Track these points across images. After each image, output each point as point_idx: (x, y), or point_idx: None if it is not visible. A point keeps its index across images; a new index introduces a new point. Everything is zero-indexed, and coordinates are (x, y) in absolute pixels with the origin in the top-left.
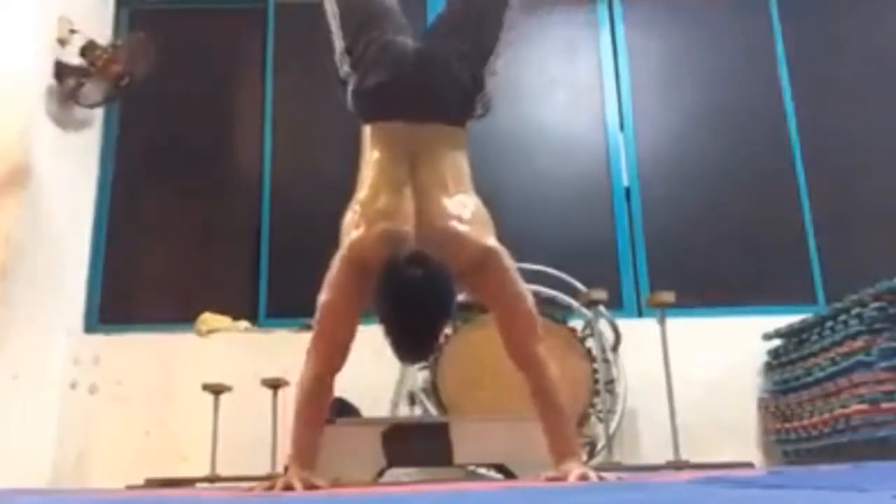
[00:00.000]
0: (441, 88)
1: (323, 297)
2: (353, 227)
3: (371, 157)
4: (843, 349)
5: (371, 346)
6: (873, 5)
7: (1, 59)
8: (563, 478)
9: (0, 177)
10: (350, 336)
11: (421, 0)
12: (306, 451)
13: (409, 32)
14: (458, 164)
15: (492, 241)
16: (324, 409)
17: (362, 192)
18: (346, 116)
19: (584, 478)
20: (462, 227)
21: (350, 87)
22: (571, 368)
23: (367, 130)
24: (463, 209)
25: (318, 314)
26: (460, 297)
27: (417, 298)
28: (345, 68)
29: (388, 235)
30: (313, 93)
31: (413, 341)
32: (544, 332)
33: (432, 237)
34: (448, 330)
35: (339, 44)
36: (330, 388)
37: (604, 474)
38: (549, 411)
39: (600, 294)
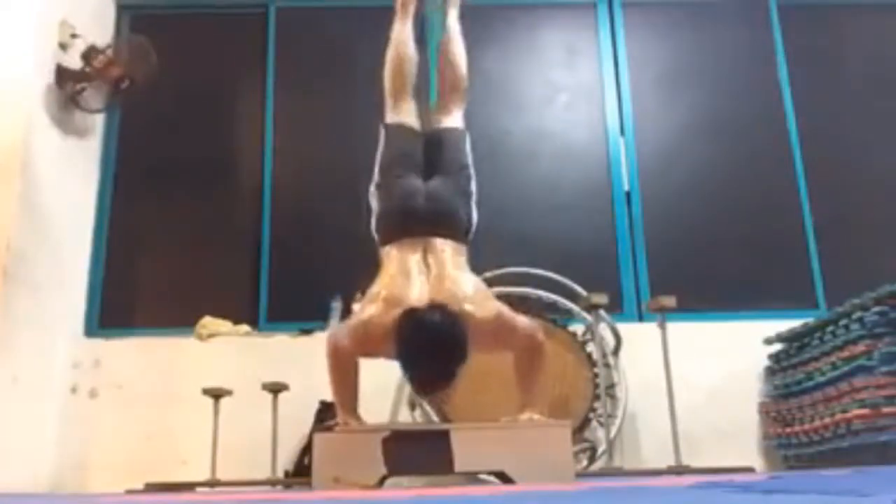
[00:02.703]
0: (443, 213)
1: (341, 339)
2: (376, 299)
3: (387, 262)
4: (845, 354)
5: None
6: (872, 10)
7: (2, 63)
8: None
9: (1, 180)
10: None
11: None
12: (350, 402)
13: (420, 170)
14: (458, 259)
15: (497, 305)
16: (351, 369)
17: (382, 282)
18: (347, 121)
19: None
20: (471, 301)
21: (375, 215)
22: (572, 373)
23: (383, 251)
24: (467, 288)
25: (331, 348)
26: None
27: (438, 336)
28: (374, 199)
29: (409, 305)
30: (314, 97)
31: (433, 375)
32: (544, 335)
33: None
34: None
35: (376, 177)
36: (353, 358)
37: (538, 417)
38: (528, 370)
39: (601, 298)
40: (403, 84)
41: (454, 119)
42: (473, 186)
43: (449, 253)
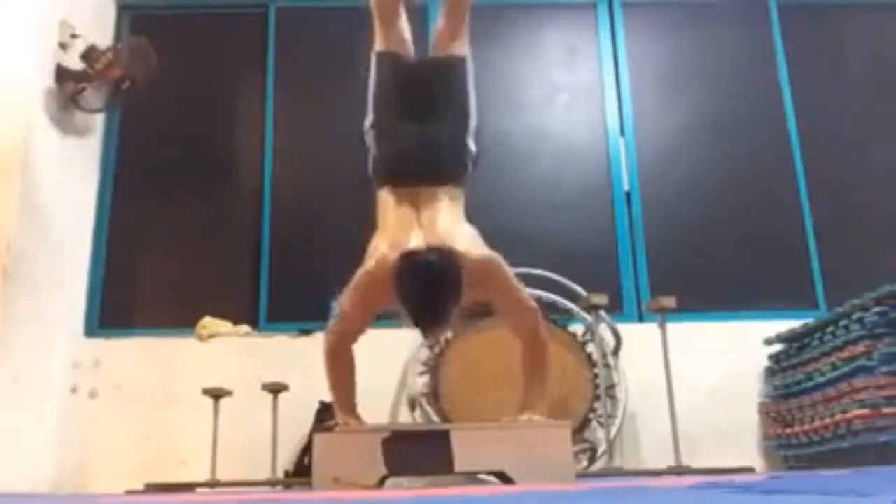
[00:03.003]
0: (437, 162)
1: (343, 300)
2: (376, 248)
3: (383, 212)
4: (845, 354)
5: (371, 352)
6: (872, 10)
7: (2, 63)
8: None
9: (1, 180)
10: (358, 332)
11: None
12: (348, 399)
13: (415, 108)
14: (454, 206)
15: (490, 252)
16: (347, 368)
17: (380, 232)
18: (347, 121)
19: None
20: (463, 246)
21: (371, 156)
22: (572, 373)
23: (380, 193)
24: (460, 235)
25: (336, 311)
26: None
27: (435, 274)
28: (368, 139)
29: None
30: (314, 97)
31: (433, 312)
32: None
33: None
34: (448, 334)
35: (368, 116)
36: (347, 354)
37: (538, 419)
38: (532, 370)
39: (601, 298)
40: (393, 3)
41: (457, 45)
42: (474, 122)
43: (445, 202)
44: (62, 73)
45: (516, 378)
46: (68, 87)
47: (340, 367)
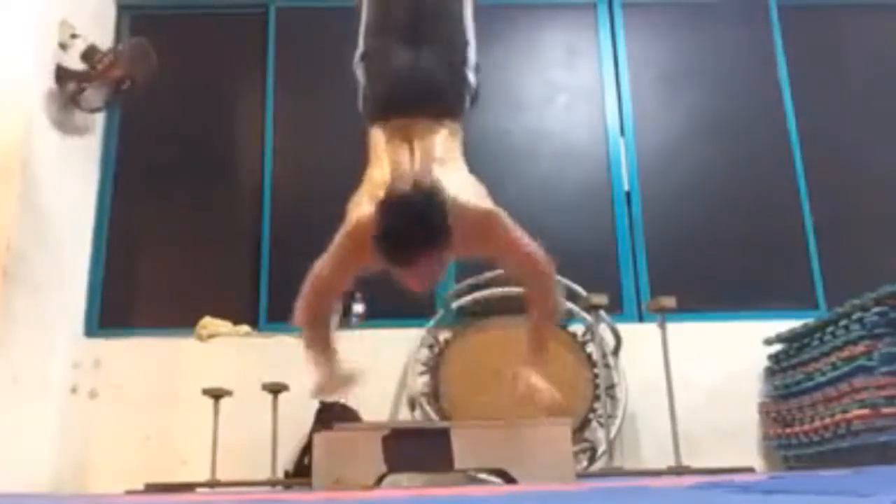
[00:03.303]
0: (434, 92)
1: (319, 264)
2: (358, 204)
3: (375, 146)
4: (845, 354)
5: (370, 351)
6: (872, 10)
7: (2, 63)
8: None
9: (1, 180)
10: (333, 300)
11: None
12: (327, 353)
13: (408, 35)
14: (451, 144)
15: (490, 204)
16: (322, 334)
17: (369, 175)
18: (347, 121)
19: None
20: (459, 194)
21: (360, 92)
22: (572, 373)
23: (371, 133)
24: (457, 179)
25: (311, 273)
26: (459, 302)
27: (415, 211)
28: (359, 72)
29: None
30: (314, 97)
31: (409, 251)
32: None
33: None
34: (447, 335)
35: (358, 47)
36: (321, 320)
37: (544, 387)
38: (537, 310)
39: (601, 298)
40: None
41: None
42: (474, 53)
43: (441, 137)
44: (62, 73)
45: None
46: (68, 87)
47: (315, 336)
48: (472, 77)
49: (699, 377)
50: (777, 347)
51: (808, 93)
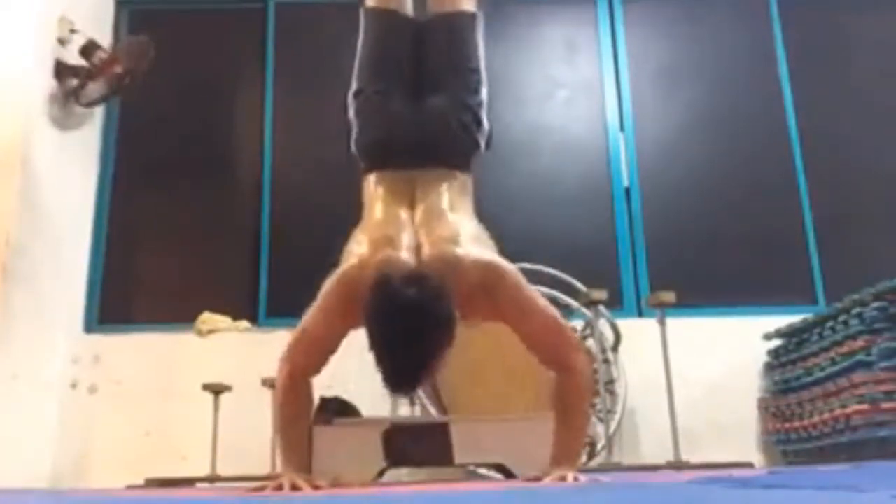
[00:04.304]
0: (440, 142)
1: (308, 319)
2: (352, 255)
3: (371, 199)
4: (844, 349)
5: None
6: (873, 5)
7: (1, 59)
8: (539, 479)
9: (0, 176)
10: (325, 359)
11: None
12: (297, 454)
13: (409, 77)
14: (459, 200)
15: (496, 257)
16: (302, 406)
17: (364, 226)
18: (346, 116)
19: (561, 479)
20: (463, 249)
21: (352, 136)
22: None
23: (368, 179)
24: (461, 233)
25: (298, 330)
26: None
27: (411, 320)
28: (350, 112)
29: (389, 262)
30: (313, 92)
31: (404, 370)
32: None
33: (433, 262)
34: None
35: (354, 82)
36: (304, 386)
37: (583, 478)
38: (564, 415)
39: (600, 294)
40: None
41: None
42: (484, 93)
43: (449, 194)
44: (61, 69)
45: (516, 372)
46: (68, 83)
47: (293, 405)
48: (485, 119)
49: (698, 372)
50: (776, 343)
51: (808, 88)
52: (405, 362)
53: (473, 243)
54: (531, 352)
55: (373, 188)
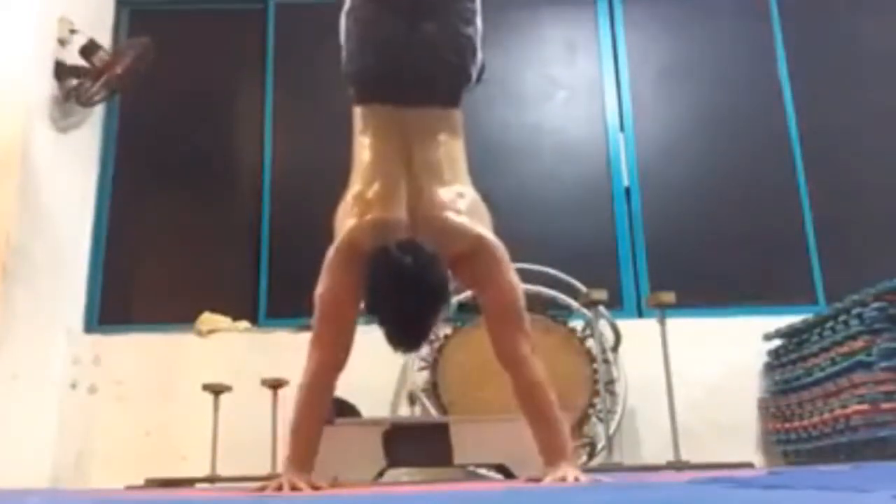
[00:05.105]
0: (433, 71)
1: (319, 289)
2: (346, 217)
3: (364, 145)
4: (844, 349)
5: (370, 346)
6: (873, 4)
7: (1, 59)
8: (540, 479)
9: (0, 176)
10: (351, 325)
11: None
12: (306, 453)
13: (404, 11)
14: (454, 152)
15: (485, 231)
16: (324, 408)
17: (355, 183)
18: (346, 118)
19: (562, 480)
20: (455, 217)
21: (344, 55)
22: (571, 369)
23: (358, 111)
24: (458, 199)
25: (316, 307)
26: (459, 296)
27: (409, 285)
28: (341, 34)
29: (381, 223)
30: (313, 93)
31: (406, 330)
32: (544, 331)
33: (425, 226)
34: (447, 330)
35: (346, 2)
36: (331, 385)
37: (584, 477)
38: (533, 413)
39: (600, 294)
40: None
41: None
42: (479, 22)
43: (443, 136)
44: (61, 69)
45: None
46: (67, 83)
47: (318, 404)
48: (480, 50)
49: (698, 373)
50: (776, 343)
51: (809, 88)
52: (406, 324)
53: (467, 214)
54: (489, 335)
55: (364, 128)
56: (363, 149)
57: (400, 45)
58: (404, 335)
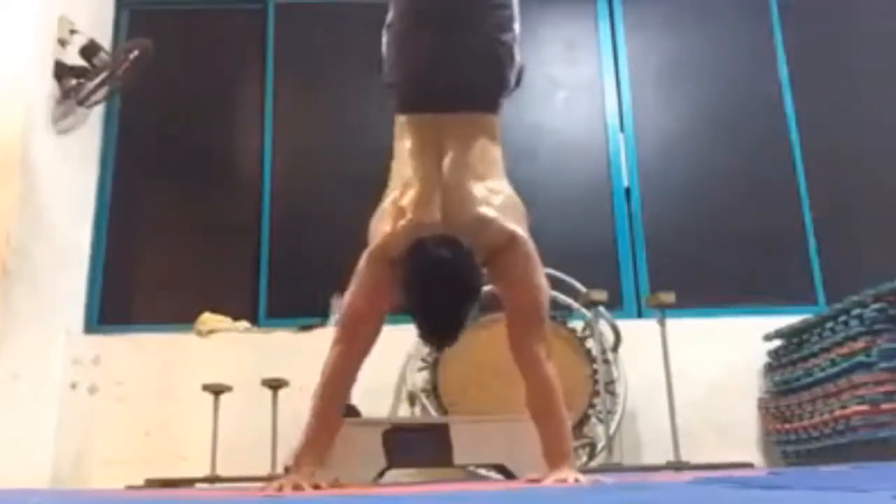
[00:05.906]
0: (471, 81)
1: (348, 297)
2: (381, 224)
3: (401, 149)
4: (844, 350)
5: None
6: (874, 3)
7: (1, 58)
8: (540, 480)
9: (0, 176)
10: (372, 338)
11: None
12: (319, 449)
13: (443, 21)
14: (489, 151)
15: (518, 229)
16: (340, 405)
17: (393, 189)
18: (346, 116)
19: (562, 481)
20: (488, 212)
21: (386, 66)
22: (571, 369)
23: (397, 119)
24: (491, 196)
25: (342, 313)
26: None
27: (446, 277)
28: (383, 45)
29: (416, 225)
30: (313, 93)
31: (443, 322)
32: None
33: (459, 224)
34: None
35: (388, 13)
36: (348, 384)
37: (583, 479)
38: (542, 415)
39: (600, 295)
40: None
41: None
42: (517, 28)
43: (480, 142)
44: (61, 69)
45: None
46: (67, 83)
47: (336, 402)
48: (518, 55)
49: (698, 373)
50: (776, 343)
51: (808, 88)
52: (443, 318)
53: (500, 210)
54: (508, 332)
55: (402, 136)
56: (401, 155)
57: (438, 56)
58: (441, 328)
